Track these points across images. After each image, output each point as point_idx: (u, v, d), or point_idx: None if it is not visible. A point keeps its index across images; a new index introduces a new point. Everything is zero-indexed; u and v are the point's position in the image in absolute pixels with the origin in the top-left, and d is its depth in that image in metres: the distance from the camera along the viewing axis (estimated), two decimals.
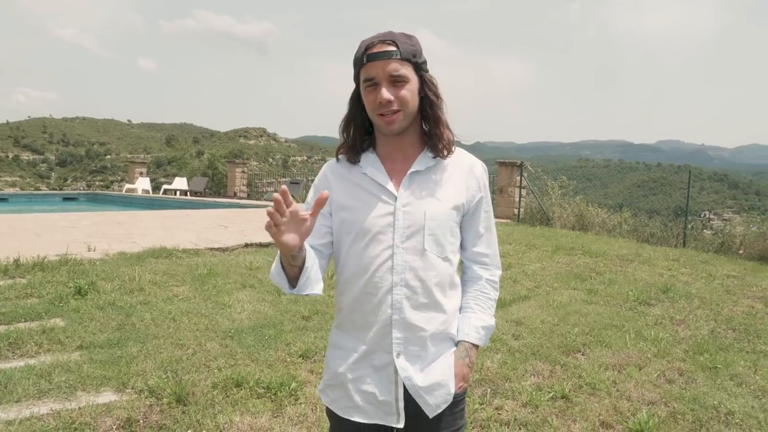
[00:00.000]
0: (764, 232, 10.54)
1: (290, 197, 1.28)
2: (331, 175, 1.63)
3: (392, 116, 1.48)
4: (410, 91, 1.48)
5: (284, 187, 1.28)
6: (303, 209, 1.32)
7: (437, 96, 1.55)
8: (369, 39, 1.48)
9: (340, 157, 1.61)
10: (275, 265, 1.46)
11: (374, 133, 1.60)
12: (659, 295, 6.54)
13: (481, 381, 3.81)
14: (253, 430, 3.04)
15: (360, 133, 1.58)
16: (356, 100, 1.56)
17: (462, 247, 1.66)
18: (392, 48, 1.45)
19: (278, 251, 1.41)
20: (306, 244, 1.45)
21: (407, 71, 1.47)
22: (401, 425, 1.55)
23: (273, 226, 1.28)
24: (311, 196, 1.63)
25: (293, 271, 1.43)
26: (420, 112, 1.55)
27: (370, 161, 1.58)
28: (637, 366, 4.22)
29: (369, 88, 1.48)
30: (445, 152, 1.57)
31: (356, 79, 1.53)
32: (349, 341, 1.59)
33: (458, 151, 1.63)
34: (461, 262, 1.69)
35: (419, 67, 1.51)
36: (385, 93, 1.45)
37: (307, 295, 1.47)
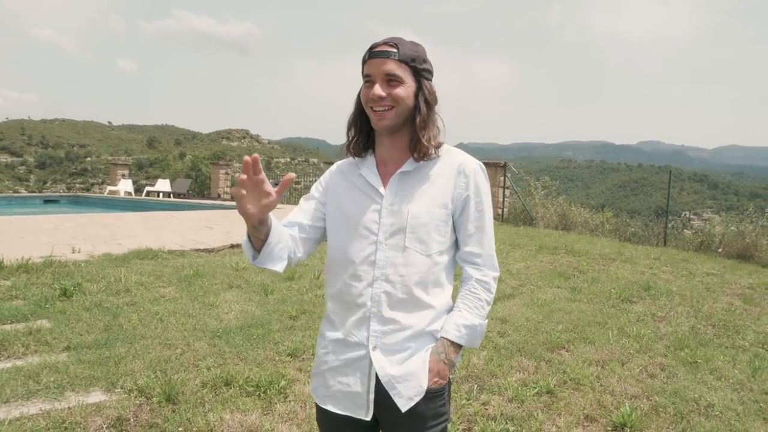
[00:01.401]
0: (742, 231, 10.74)
1: (260, 166, 1.37)
2: (336, 170, 1.75)
3: (383, 113, 1.54)
4: (405, 91, 1.53)
5: (256, 154, 1.37)
6: (270, 186, 1.40)
7: (428, 104, 1.57)
8: (378, 41, 1.57)
9: (347, 154, 1.69)
10: (245, 236, 1.55)
11: (375, 135, 1.66)
12: (641, 293, 6.66)
13: (467, 377, 3.87)
14: (243, 428, 3.06)
15: (364, 130, 1.65)
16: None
17: (456, 246, 1.68)
18: (393, 49, 1.52)
19: None
20: (276, 223, 1.54)
21: (403, 73, 1.53)
22: (368, 418, 1.58)
23: (240, 190, 1.37)
24: (316, 189, 1.76)
25: (258, 243, 1.52)
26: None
27: (367, 163, 1.66)
28: (619, 361, 4.30)
29: (367, 84, 1.56)
30: (420, 157, 1.59)
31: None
32: (332, 331, 1.66)
33: (451, 151, 1.66)
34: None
35: (419, 73, 1.56)
36: (378, 89, 1.52)
37: (269, 269, 1.55)
